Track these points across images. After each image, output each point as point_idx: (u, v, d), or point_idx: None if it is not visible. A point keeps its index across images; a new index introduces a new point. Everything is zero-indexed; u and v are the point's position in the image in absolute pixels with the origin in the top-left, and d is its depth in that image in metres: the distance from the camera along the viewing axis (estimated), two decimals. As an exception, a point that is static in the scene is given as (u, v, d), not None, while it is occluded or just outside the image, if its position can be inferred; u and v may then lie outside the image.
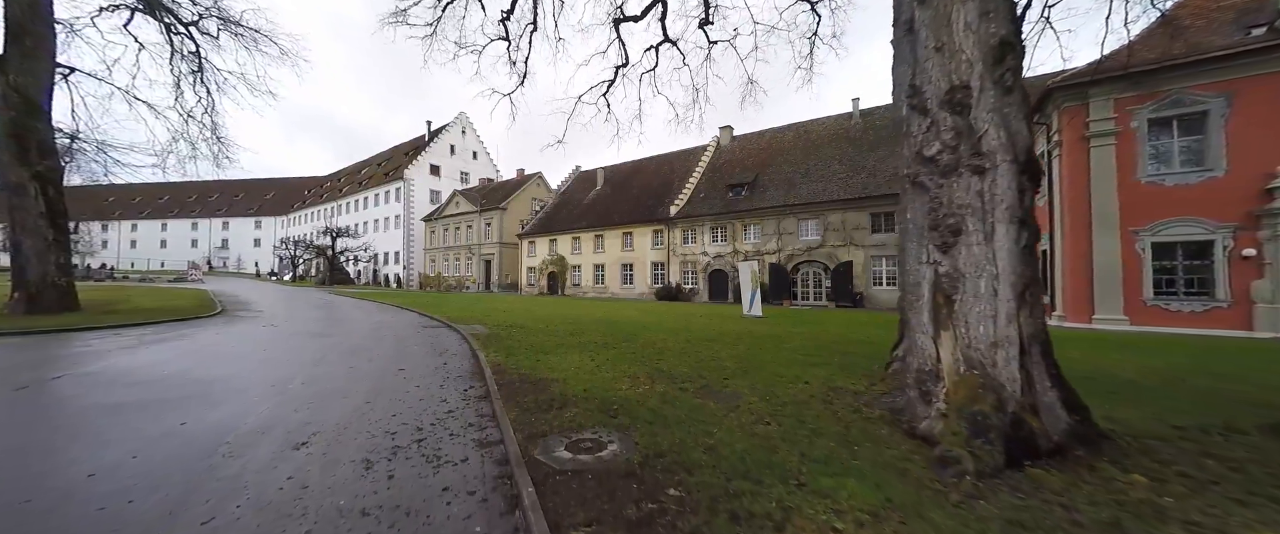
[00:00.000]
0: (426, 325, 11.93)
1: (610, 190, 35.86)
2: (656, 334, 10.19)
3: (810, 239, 23.89)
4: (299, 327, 11.09)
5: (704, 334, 10.28)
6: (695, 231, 27.94)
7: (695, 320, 13.90)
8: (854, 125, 27.04)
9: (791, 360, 7.20)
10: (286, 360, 7.11)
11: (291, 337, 9.55)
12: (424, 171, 49.62)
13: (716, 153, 32.06)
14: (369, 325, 11.69)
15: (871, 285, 22.05)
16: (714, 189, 28.96)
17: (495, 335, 9.51)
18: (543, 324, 11.67)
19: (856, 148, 25.49)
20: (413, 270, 47.43)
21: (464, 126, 53.77)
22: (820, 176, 25.08)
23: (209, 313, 13.29)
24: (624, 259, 31.15)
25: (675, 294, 27.56)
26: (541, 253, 36.31)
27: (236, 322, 11.92)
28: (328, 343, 8.75)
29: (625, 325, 11.83)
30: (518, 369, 6.29)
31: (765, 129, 31.36)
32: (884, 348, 7.66)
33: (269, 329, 10.56)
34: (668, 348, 8.24)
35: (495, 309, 16.67)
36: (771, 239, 25.00)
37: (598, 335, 9.81)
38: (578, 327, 11.29)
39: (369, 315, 14.43)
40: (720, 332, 10.86)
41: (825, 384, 5.65)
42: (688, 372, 6.31)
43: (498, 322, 12.12)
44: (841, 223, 22.88)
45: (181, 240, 76.71)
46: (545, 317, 13.88)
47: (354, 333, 10.22)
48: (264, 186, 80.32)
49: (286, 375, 6.14)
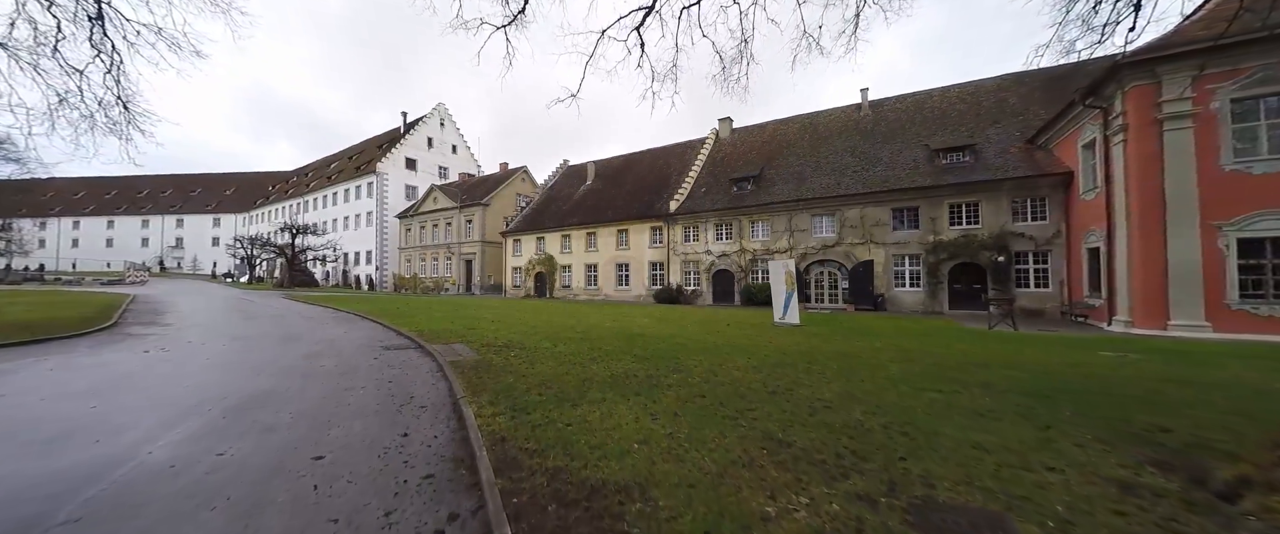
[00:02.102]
0: (389, 345, 8.83)
1: (602, 185, 32.88)
2: (702, 355, 7.41)
3: (825, 236, 21.55)
4: (200, 351, 7.83)
5: (764, 354, 7.57)
6: (698, 229, 25.29)
7: (728, 330, 11.18)
8: (864, 117, 24.92)
9: (958, 411, 4.53)
10: (112, 428, 3.99)
11: (172, 371, 6.36)
12: (399, 165, 45.42)
13: (716, 145, 29.52)
14: (307, 347, 8.51)
15: (893, 286, 19.85)
16: (716, 183, 26.38)
17: (486, 364, 6.56)
18: (546, 341, 8.75)
19: (868, 140, 23.34)
20: (386, 271, 43.24)
21: (442, 118, 49.71)
22: (832, 170, 22.81)
23: (95, 327, 9.80)
24: (619, 258, 28.25)
25: (676, 296, 24.85)
26: (528, 252, 33.03)
27: (116, 342, 8.53)
28: (217, 386, 5.62)
29: (651, 341, 9.01)
30: (540, 450, 3.39)
31: (767, 121, 29.01)
32: (1046, 375, 5.19)
33: (147, 357, 7.25)
34: (743, 384, 5.48)
35: (480, 318, 13.58)
36: (782, 236, 22.57)
37: (627, 360, 6.97)
38: (592, 344, 8.42)
39: (316, 330, 11.13)
40: (779, 350, 8.17)
41: (1116, 482, 2.96)
42: (827, 444, 3.55)
43: (485, 337, 9.13)
44: (860, 219, 20.61)
45: (131, 239, 69.51)
46: (544, 328, 10.92)
47: (277, 361, 7.07)
48: (223, 181, 73.75)
49: (62, 489, 3.04)
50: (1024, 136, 18.89)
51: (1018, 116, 20.09)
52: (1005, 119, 20.29)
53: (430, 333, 9.95)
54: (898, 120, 23.42)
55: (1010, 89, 21.67)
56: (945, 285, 18.63)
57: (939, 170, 19.57)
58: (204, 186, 73.35)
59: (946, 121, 21.79)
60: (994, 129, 20.11)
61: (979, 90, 22.55)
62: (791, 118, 27.99)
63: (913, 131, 22.33)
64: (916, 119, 22.90)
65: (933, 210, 19.05)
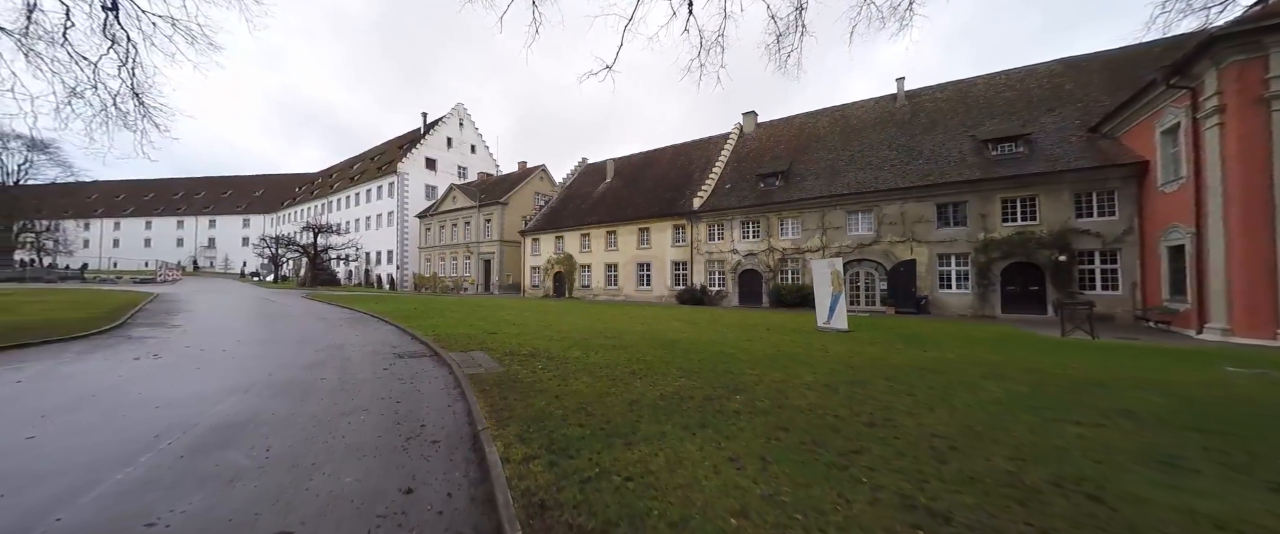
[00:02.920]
0: (402, 352, 7.89)
1: (622, 183, 31.84)
2: (758, 368, 6.25)
3: (862, 234, 20.08)
4: (194, 359, 6.98)
5: (827, 367, 6.36)
6: (723, 227, 24.03)
7: (771, 337, 9.96)
8: (899, 108, 23.31)
9: (1131, 457, 3.27)
10: (30, 476, 3.03)
11: (152, 385, 5.48)
12: (419, 165, 45.20)
13: (740, 141, 28.19)
14: (312, 353, 7.62)
15: (937, 287, 18.29)
16: (742, 179, 25.07)
17: (511, 379, 5.53)
18: (575, 348, 7.70)
19: (906, 132, 21.76)
20: (407, 270, 43.03)
21: (461, 118, 49.38)
22: (867, 164, 21.31)
23: (98, 329, 9.12)
24: (640, 258, 27.16)
25: (700, 297, 23.64)
26: (547, 251, 32.20)
27: (110, 347, 7.77)
28: (194, 406, 4.68)
29: (693, 350, 7.87)
30: (591, 517, 2.31)
31: (793, 114, 27.56)
32: (1188, 400, 4.18)
33: (135, 366, 6.39)
34: (825, 410, 4.30)
35: (500, 319, 12.63)
36: (814, 235, 21.16)
37: (674, 374, 5.85)
38: (628, 353, 7.32)
39: (327, 333, 10.30)
40: (842, 362, 6.95)
41: None
42: (998, 518, 2.38)
43: (508, 343, 8.13)
44: (900, 215, 19.10)
45: (167, 239, 71.36)
46: (570, 332, 9.88)
47: (275, 373, 6.15)
48: (253, 183, 75.21)
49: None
50: (1085, 125, 17.15)
51: (1075, 104, 18.32)
52: (1061, 107, 18.54)
53: (448, 337, 9.00)
54: (938, 111, 21.78)
55: (1065, 75, 19.86)
56: (997, 287, 17.02)
57: (989, 163, 17.95)
58: (235, 189, 74.91)
59: (993, 111, 20.10)
60: (1049, 118, 18.38)
61: (1028, 77, 20.78)
62: (821, 110, 26.50)
63: (956, 122, 20.69)
64: (959, 109, 21.23)
65: (983, 206, 17.44)
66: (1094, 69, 19.33)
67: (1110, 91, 17.80)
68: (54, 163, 50.22)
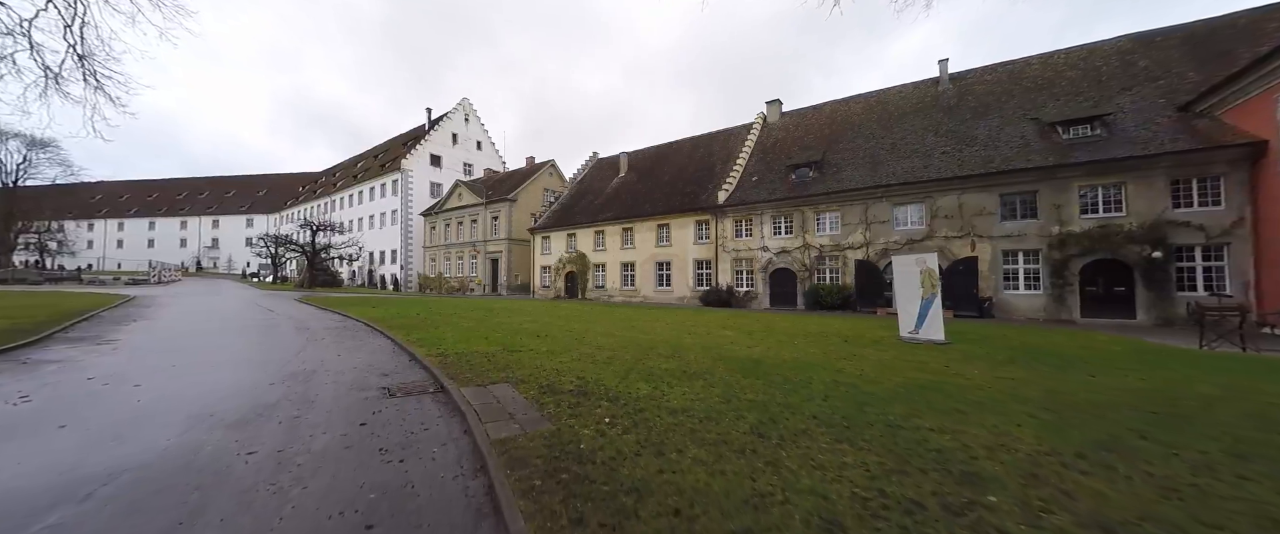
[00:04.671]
0: (396, 383, 5.61)
1: (636, 177, 29.53)
2: (923, 414, 3.97)
3: (911, 228, 17.77)
4: (85, 400, 4.70)
5: (1004, 407, 4.08)
6: (751, 222, 21.72)
7: (862, 354, 7.68)
8: (944, 92, 20.98)
9: None
10: None
11: None
12: (423, 162, 42.89)
13: (764, 130, 25.86)
14: (267, 388, 5.34)
15: (1002, 287, 15.98)
16: (770, 171, 22.75)
17: (568, 447, 3.25)
18: (635, 376, 5.43)
19: (954, 117, 19.44)
20: (411, 270, 40.75)
21: (467, 113, 47.05)
22: (913, 151, 18.99)
23: (4, 345, 6.87)
24: (659, 256, 24.85)
25: (726, 298, 21.35)
26: (558, 250, 29.90)
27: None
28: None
29: (791, 378, 5.58)
30: None
31: (823, 102, 25.22)
32: None
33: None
34: (1117, 517, 2.04)
35: (518, 328, 10.35)
36: (855, 229, 18.85)
37: (827, 439, 3.56)
38: (712, 385, 5.05)
39: (304, 349, 8.00)
40: (1013, 394, 4.67)
41: None
42: None
43: (539, 368, 5.86)
44: (957, 207, 16.78)
45: (170, 239, 69.15)
46: (612, 347, 7.61)
47: (188, 432, 3.88)
48: (257, 183, 73.00)
49: None
50: (1172, 103, 14.83)
51: (1156, 81, 15.98)
52: (1140, 85, 16.20)
53: (457, 358, 6.72)
54: (989, 93, 19.46)
55: (1136, 51, 17.53)
56: (1076, 288, 14.70)
57: (1061, 148, 15.62)
58: (238, 188, 72.71)
59: (1056, 91, 17.77)
60: (1126, 97, 16.05)
61: (1093, 55, 18.45)
62: (853, 97, 24.16)
63: (1012, 105, 18.36)
64: (1014, 91, 18.90)
65: (1057, 196, 15.13)
66: (1171, 44, 17.00)
67: (1197, 66, 15.49)
68: (54, 162, 48.16)
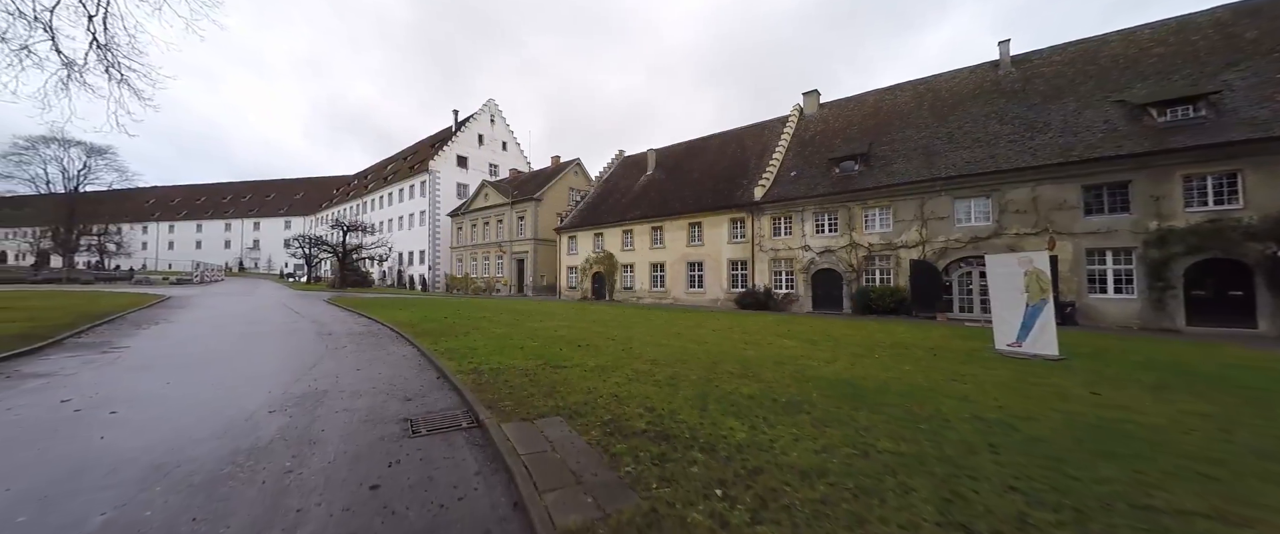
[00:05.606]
0: (418, 411, 4.51)
1: (665, 175, 28.23)
2: (1128, 473, 2.58)
3: (975, 225, 15.91)
4: (48, 430, 3.78)
5: (1219, 463, 2.64)
6: (791, 220, 20.14)
7: (964, 372, 6.20)
8: (1005, 76, 18.94)
9: None
10: None
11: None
12: (450, 163, 42.65)
13: (801, 123, 24.18)
14: (267, 415, 4.32)
15: (1086, 291, 14.02)
16: (810, 165, 21.11)
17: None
18: (713, 403, 4.18)
19: (1021, 102, 17.42)
20: (438, 271, 40.50)
21: (492, 114, 46.67)
22: (975, 140, 17.09)
23: (38, 343, 6.12)
24: (691, 256, 23.49)
25: (764, 301, 19.84)
26: (585, 250, 28.87)
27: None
28: None
29: (913, 410, 4.21)
30: None
31: (865, 92, 23.38)
32: None
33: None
34: None
35: (556, 336, 9.23)
36: (910, 226, 17.09)
37: (1049, 525, 2.26)
38: (828, 424, 3.75)
39: (320, 362, 7.03)
40: (1224, 439, 3.19)
41: None
42: None
43: (594, 391, 4.67)
44: (1031, 201, 14.87)
45: (215, 241, 71.66)
46: (672, 361, 6.36)
47: (143, 493, 2.86)
48: (294, 186, 75.05)
49: None
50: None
51: (1271, 54, 13.74)
52: (1249, 59, 13.97)
53: (492, 374, 5.61)
54: (1060, 76, 17.37)
55: (1237, 22, 15.23)
56: (1180, 291, 12.66)
57: (1156, 132, 13.57)
58: (277, 192, 74.81)
59: (1143, 70, 15.62)
60: (1235, 73, 13.85)
61: (1184, 28, 16.19)
62: (899, 85, 22.27)
63: (1090, 87, 16.28)
64: (1090, 72, 16.79)
65: (1155, 186, 13.11)
66: None
67: (1325, 36, 13.19)
68: (111, 168, 50.29)
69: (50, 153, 43.13)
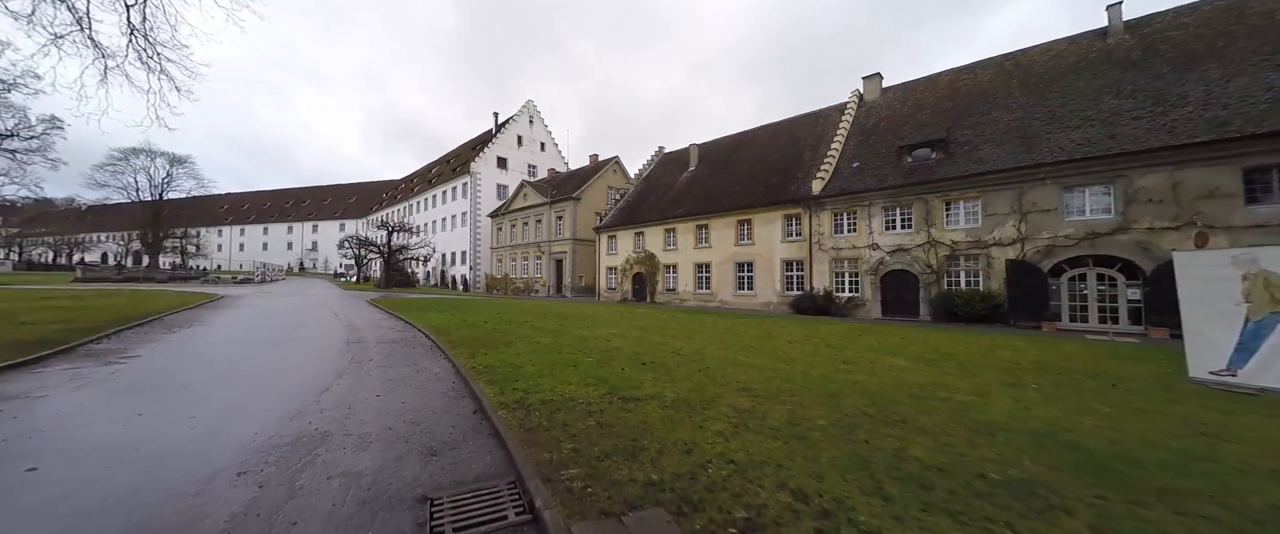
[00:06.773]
0: (448, 472, 3.11)
1: (709, 170, 26.37)
2: None
3: (1092, 218, 13.18)
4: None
5: None
6: (855, 215, 17.85)
7: (1161, 406, 4.14)
8: (1117, 44, 15.90)
9: None
10: None
11: None
12: (490, 165, 42.46)
13: (862, 110, 21.70)
14: (258, 457, 3.05)
15: (1250, 297, 11.06)
16: (875, 155, 18.71)
17: None
18: (884, 475, 2.52)
19: (1143, 73, 14.44)
20: (479, 271, 40.33)
21: (531, 116, 46.23)
22: (1086, 119, 14.27)
23: (19, 358, 5.26)
24: (739, 256, 21.55)
25: (824, 306, 17.65)
26: (624, 250, 27.45)
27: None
28: None
29: (1169, 484, 2.37)
30: None
31: (937, 72, 20.65)
32: None
33: None
34: None
35: (610, 348, 7.73)
36: (1004, 221, 14.50)
37: None
38: (1032, 515, 2.02)
39: (341, 379, 5.83)
40: None
41: None
42: None
43: (696, 446, 3.10)
44: (1170, 188, 12.05)
45: (279, 243, 75.81)
46: (778, 395, 4.68)
47: None
48: (349, 191, 78.32)
49: None
50: None
51: None
52: None
53: (544, 409, 4.15)
54: (1196, 39, 14.26)
55: None
56: (1399, 297, 9.61)
57: (1355, 97, 10.50)
58: (334, 196, 78.23)
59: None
60: None
61: (1373, -27, 12.76)
62: (981, 62, 19.44)
63: (1238, 50, 13.17)
64: (1237, 32, 13.63)
65: (1357, 165, 10.10)
66: None
67: None
68: (190, 175, 53.91)
69: (139, 163, 46.35)
